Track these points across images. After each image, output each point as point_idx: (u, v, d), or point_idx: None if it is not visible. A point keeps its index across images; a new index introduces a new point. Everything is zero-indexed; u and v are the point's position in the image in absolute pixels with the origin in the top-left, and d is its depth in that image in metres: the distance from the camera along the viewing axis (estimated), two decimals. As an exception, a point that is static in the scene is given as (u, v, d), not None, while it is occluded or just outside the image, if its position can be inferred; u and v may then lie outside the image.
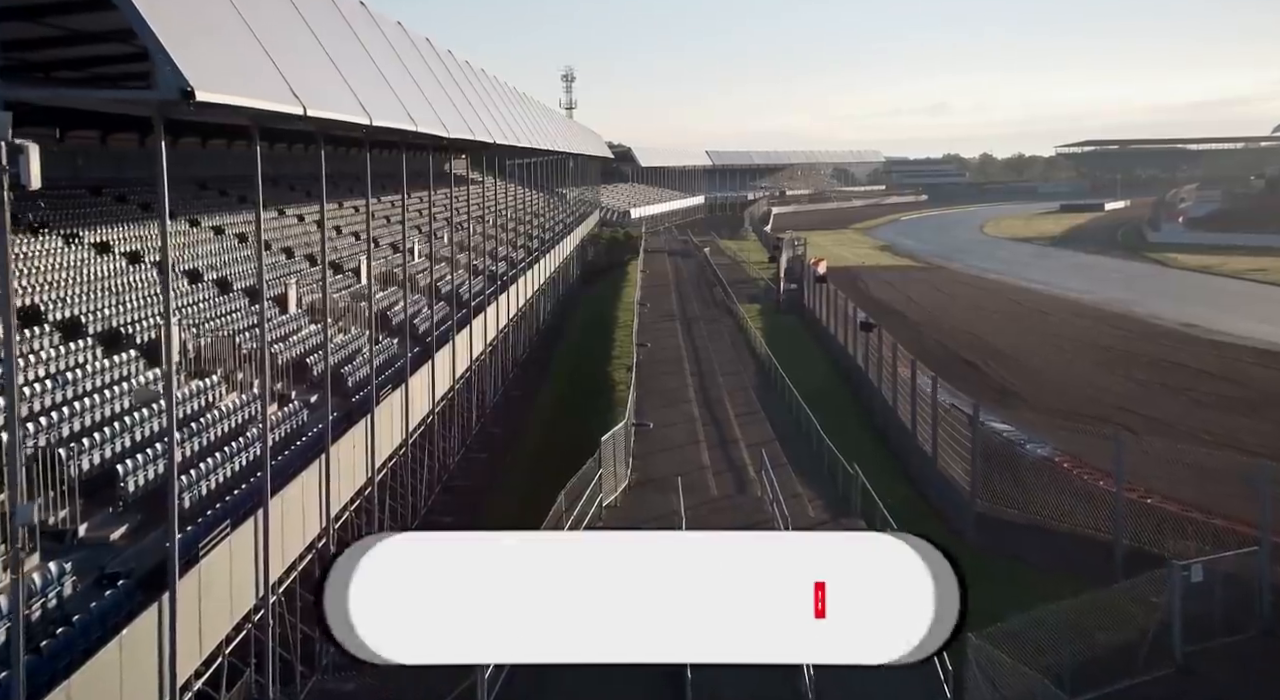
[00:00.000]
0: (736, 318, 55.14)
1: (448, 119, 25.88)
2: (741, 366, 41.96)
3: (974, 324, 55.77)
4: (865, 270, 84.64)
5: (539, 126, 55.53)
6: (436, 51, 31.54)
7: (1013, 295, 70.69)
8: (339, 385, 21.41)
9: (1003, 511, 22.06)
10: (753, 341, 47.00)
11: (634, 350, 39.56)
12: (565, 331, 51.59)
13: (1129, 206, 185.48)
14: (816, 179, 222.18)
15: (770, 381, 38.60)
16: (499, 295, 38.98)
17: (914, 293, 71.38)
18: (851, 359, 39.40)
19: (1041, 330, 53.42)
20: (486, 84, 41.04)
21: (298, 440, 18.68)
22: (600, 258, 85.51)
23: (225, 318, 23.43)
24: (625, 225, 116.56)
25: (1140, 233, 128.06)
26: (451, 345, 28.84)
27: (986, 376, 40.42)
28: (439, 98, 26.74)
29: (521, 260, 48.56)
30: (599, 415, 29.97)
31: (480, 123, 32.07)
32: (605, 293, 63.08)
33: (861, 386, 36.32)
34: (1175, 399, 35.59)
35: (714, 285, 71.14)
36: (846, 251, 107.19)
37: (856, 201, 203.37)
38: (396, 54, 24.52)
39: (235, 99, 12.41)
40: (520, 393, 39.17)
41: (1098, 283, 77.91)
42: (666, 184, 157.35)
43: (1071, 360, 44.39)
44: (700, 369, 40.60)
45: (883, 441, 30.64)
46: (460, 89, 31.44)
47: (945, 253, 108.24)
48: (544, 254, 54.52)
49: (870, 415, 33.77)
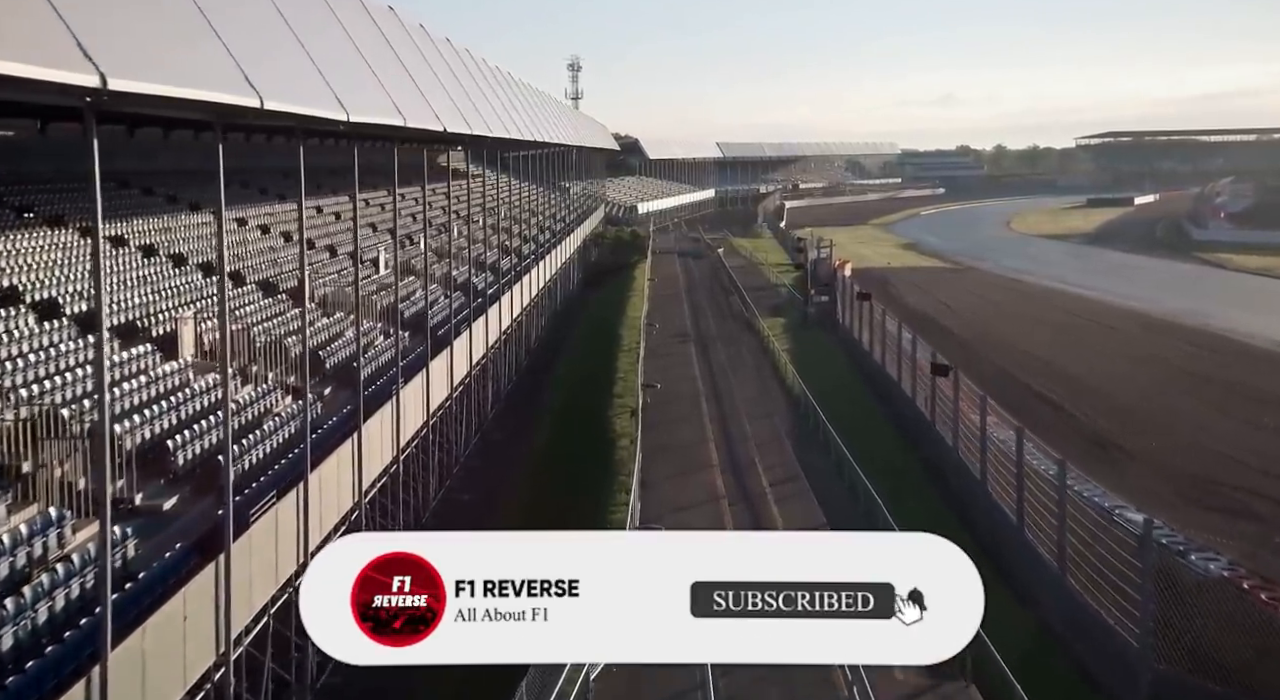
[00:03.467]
0: (760, 337, 47.83)
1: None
2: (771, 407, 34.62)
3: (1030, 340, 48.36)
4: (892, 271, 77.39)
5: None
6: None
7: (1064, 303, 63.19)
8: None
9: (1194, 679, 14.69)
10: (782, 371, 39.68)
11: (639, 391, 32.27)
12: (561, 355, 44.11)
13: (1158, 201, 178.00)
14: (830, 172, 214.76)
15: (809, 430, 31.37)
16: (477, 317, 31.83)
17: (950, 298, 64.00)
18: (906, 397, 32.11)
19: (1114, 350, 45.98)
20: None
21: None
22: (605, 259, 78.32)
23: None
24: (632, 221, 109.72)
25: (1181, 229, 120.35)
26: (395, 401, 21.58)
27: (1070, 417, 33.08)
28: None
29: (511, 269, 41.25)
30: (591, 491, 22.90)
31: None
32: (609, 304, 55.69)
33: (928, 441, 29.06)
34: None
35: (730, 292, 63.81)
36: (868, 250, 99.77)
37: (872, 195, 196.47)
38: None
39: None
40: (502, 437, 31.93)
41: (1155, 288, 70.36)
42: (675, 177, 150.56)
43: (1166, 393, 37.00)
44: (722, 412, 33.20)
45: (965, 524, 23.32)
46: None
47: (974, 251, 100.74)
48: (539, 260, 47.35)
49: (940, 479, 26.53)
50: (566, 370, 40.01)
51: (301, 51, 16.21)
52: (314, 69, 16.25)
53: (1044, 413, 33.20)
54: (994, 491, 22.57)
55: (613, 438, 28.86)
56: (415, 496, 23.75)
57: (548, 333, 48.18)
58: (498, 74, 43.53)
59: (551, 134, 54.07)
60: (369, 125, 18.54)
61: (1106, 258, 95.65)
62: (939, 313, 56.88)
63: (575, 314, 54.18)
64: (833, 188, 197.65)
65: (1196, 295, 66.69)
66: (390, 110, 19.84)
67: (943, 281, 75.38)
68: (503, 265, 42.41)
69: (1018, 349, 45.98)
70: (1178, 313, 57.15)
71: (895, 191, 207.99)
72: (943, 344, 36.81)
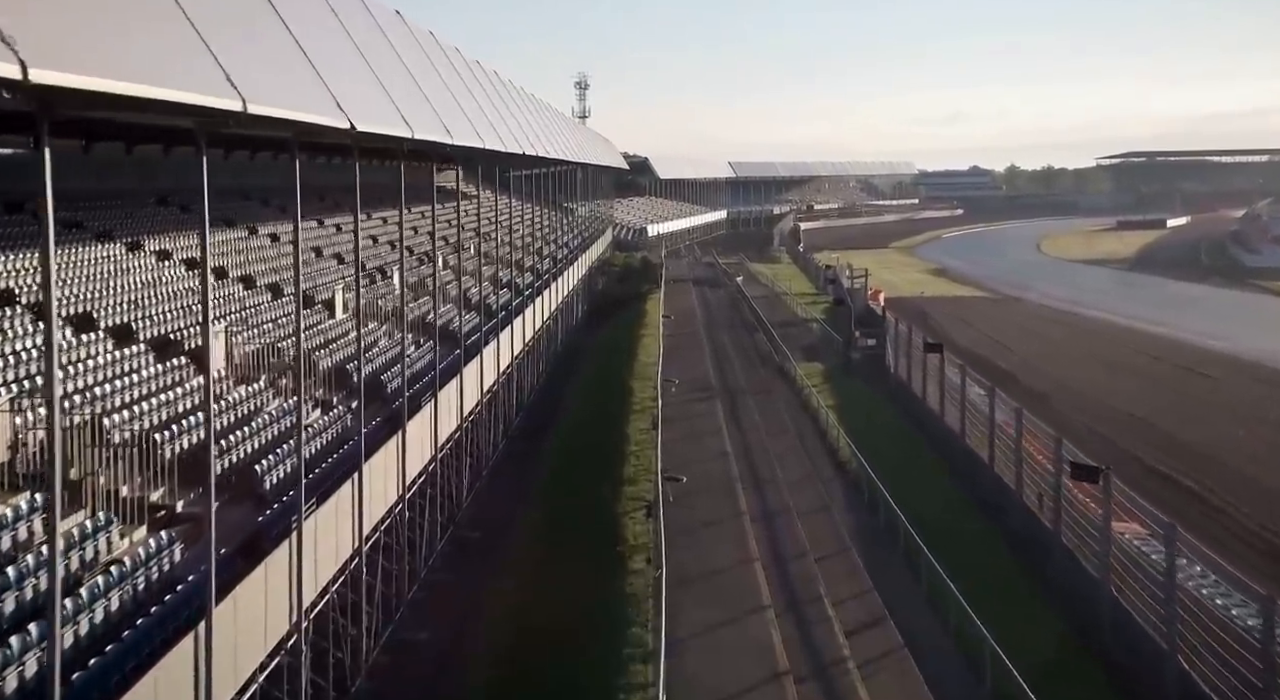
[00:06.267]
0: (796, 388, 40.24)
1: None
2: (827, 494, 26.94)
3: (1117, 392, 40.76)
4: (927, 301, 69.91)
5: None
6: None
7: (1135, 342, 55.56)
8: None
9: None
10: (833, 440, 32.06)
11: (657, 480, 24.60)
12: (560, 415, 36.33)
13: (1191, 223, 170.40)
14: (845, 192, 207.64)
15: (881, 534, 23.77)
16: (445, 383, 24.40)
17: (1002, 334, 56.52)
18: (1016, 503, 24.55)
19: (1225, 406, 38.36)
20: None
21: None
22: (613, 289, 70.79)
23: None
24: (642, 245, 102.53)
25: (1227, 253, 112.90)
26: (354, 486, 14.19)
27: (1219, 514, 25.47)
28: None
29: (502, 308, 33.62)
30: (587, 671, 15.36)
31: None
32: (617, 347, 47.90)
33: (1053, 558, 21.46)
34: None
35: (754, 330, 56.16)
36: (895, 276, 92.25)
37: (889, 216, 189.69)
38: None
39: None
40: (478, 531, 24.33)
41: (1227, 323, 62.78)
42: (686, 197, 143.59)
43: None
44: (765, 507, 25.39)
45: None
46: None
47: (1011, 278, 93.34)
48: (537, 295, 39.92)
49: (1093, 629, 18.88)
50: (565, 441, 32.24)
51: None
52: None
53: (1173, 499, 25.61)
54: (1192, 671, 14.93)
55: (619, 560, 21.12)
56: (371, 638, 16.30)
57: (545, 383, 40.57)
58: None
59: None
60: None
61: (1160, 286, 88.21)
62: (995, 352, 49.29)
63: (578, 359, 46.43)
64: (848, 208, 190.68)
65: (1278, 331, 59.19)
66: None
67: (987, 314, 67.83)
68: (496, 300, 35.14)
69: (1106, 404, 38.37)
70: (1274, 355, 49.37)
71: (913, 212, 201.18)
72: (1011, 393, 29.25)
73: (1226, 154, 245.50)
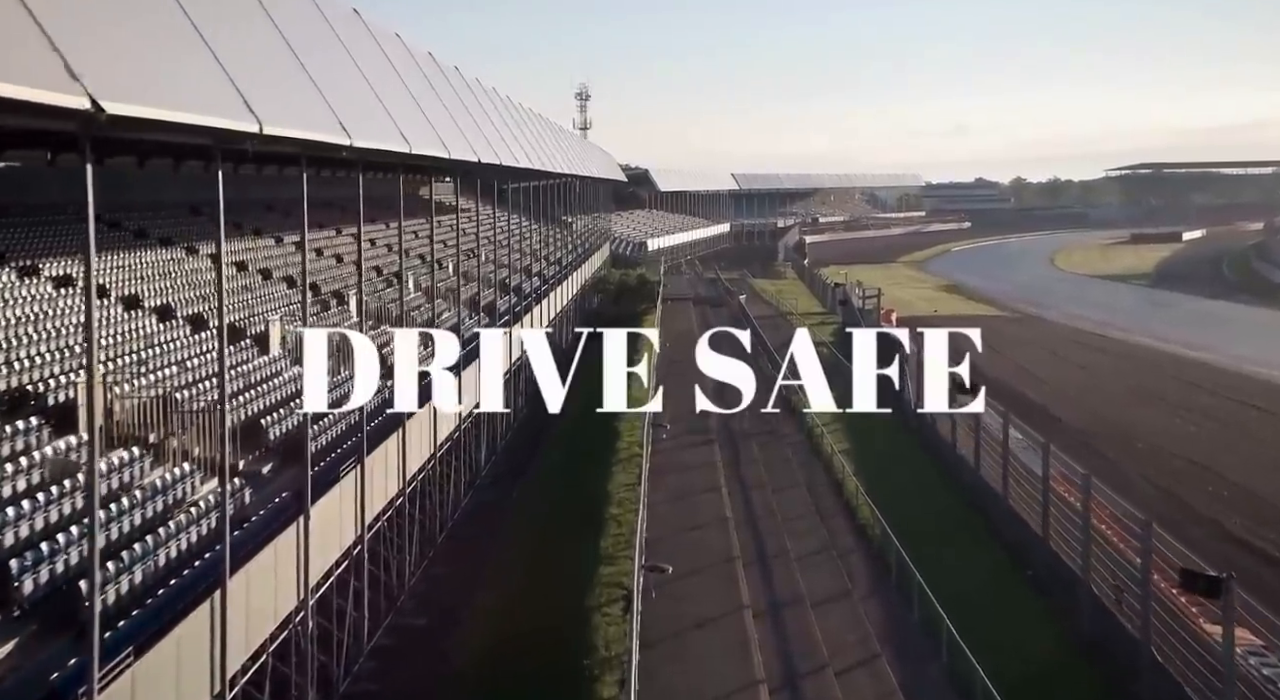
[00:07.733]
0: (806, 429, 35.56)
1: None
2: (848, 575, 22.17)
3: (1170, 432, 36.09)
4: (940, 321, 65.06)
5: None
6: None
7: (1178, 370, 50.71)
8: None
9: None
10: (850, 501, 27.34)
11: (636, 570, 19.77)
12: (531, 468, 31.53)
13: (1208, 236, 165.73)
14: (850, 204, 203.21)
15: (924, 639, 19.02)
16: (379, 442, 19.87)
17: (1028, 360, 51.87)
18: (1088, 596, 19.89)
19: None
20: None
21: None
22: (607, 308, 66.12)
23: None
24: (641, 260, 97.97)
25: (1250, 268, 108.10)
26: None
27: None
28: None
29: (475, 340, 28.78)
30: None
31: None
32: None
33: (1144, 682, 16.76)
34: None
35: (759, 355, 51.37)
36: (905, 292, 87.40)
37: (896, 229, 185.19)
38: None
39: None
40: (423, 619, 19.60)
41: (1273, 347, 57.83)
42: (688, 210, 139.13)
43: None
44: (771, 598, 20.61)
45: None
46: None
47: (1027, 295, 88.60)
48: (517, 320, 35.38)
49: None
50: (533, 502, 27.47)
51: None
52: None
53: (1270, 580, 20.91)
54: None
55: (583, 676, 16.37)
56: None
57: (521, 425, 35.83)
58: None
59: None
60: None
61: (1188, 304, 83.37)
62: (1024, 382, 44.57)
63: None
64: (854, 221, 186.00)
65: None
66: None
67: (1008, 335, 62.95)
68: (468, 327, 30.46)
69: (1160, 447, 33.69)
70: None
71: (920, 225, 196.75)
72: (1049, 434, 24.52)
73: (1234, 165, 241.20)
